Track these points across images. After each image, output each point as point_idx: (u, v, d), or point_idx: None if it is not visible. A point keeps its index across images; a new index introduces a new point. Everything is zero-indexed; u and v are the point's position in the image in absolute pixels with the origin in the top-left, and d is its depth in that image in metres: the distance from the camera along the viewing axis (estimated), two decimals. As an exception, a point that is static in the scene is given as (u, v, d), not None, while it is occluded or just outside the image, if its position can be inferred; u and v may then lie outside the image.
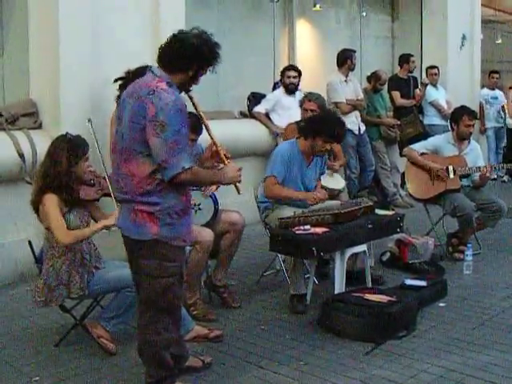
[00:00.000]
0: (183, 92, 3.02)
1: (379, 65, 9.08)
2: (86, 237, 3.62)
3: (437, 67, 9.14)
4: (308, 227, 4.21)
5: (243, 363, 3.58)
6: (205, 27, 3.02)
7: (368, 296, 4.08)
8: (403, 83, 8.65)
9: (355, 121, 7.50)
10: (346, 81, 7.56)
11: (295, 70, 7.09)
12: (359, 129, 7.63)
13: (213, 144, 3.23)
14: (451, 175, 5.66)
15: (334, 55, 7.66)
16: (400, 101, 8.48)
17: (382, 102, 8.10)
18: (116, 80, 4.62)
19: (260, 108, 7.18)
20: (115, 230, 3.47)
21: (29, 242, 3.83)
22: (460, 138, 5.84)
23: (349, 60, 7.53)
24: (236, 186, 3.15)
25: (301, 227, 4.22)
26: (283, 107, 7.02)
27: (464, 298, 4.64)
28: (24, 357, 3.66)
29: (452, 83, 9.76)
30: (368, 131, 7.83)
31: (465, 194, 5.63)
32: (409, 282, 4.55)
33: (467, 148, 5.87)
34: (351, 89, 7.59)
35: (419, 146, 5.98)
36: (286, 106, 6.96)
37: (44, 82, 5.35)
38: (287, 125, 6.24)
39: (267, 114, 7.16)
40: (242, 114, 7.42)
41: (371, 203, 4.72)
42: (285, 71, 7.14)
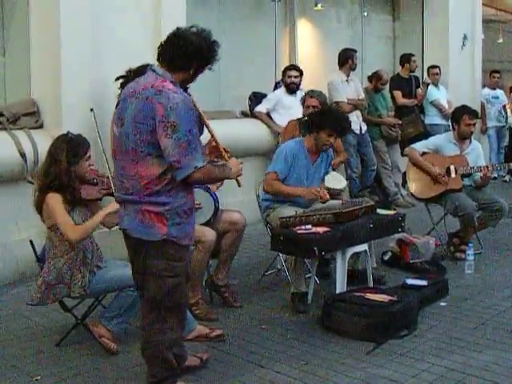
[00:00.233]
0: None
1: (380, 64, 9.08)
2: (91, 229, 3.58)
3: (438, 67, 9.16)
4: (309, 227, 4.21)
5: (244, 362, 3.58)
6: (205, 27, 3.01)
7: (369, 295, 4.07)
8: (405, 83, 8.66)
9: (356, 120, 7.49)
10: (348, 80, 7.56)
11: (297, 70, 7.09)
12: (360, 128, 7.63)
13: (212, 140, 3.23)
14: (452, 175, 5.66)
15: (335, 55, 7.66)
16: (402, 100, 8.49)
17: (383, 102, 8.09)
18: (117, 78, 4.63)
19: (261, 108, 7.18)
20: (116, 230, 3.48)
21: (30, 242, 3.83)
22: (461, 138, 5.83)
23: (350, 60, 7.53)
24: (237, 180, 3.16)
25: (302, 227, 4.22)
26: (284, 107, 7.02)
27: (465, 298, 4.64)
28: (25, 356, 3.66)
29: (453, 83, 9.76)
30: (369, 131, 7.84)
31: (466, 194, 5.62)
32: (410, 282, 4.55)
33: (468, 147, 5.86)
34: (352, 88, 7.58)
35: (420, 146, 5.97)
36: (287, 106, 6.97)
37: (45, 82, 5.36)
38: (288, 121, 6.24)
39: (268, 114, 7.16)
40: (243, 114, 7.42)
41: (372, 203, 4.73)
42: (286, 71, 7.14)
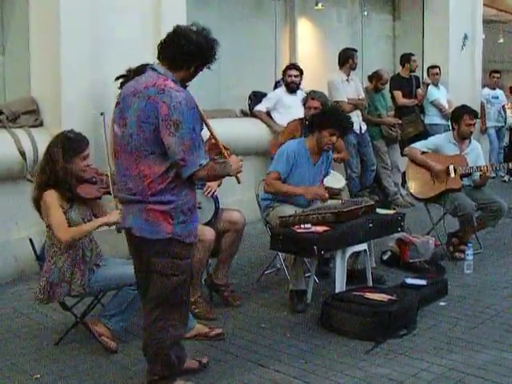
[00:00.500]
0: None
1: (380, 64, 9.07)
2: (85, 233, 3.60)
3: (438, 67, 9.16)
4: (309, 226, 4.20)
5: (244, 361, 3.58)
6: (206, 26, 3.02)
7: (369, 295, 4.08)
8: (405, 82, 8.65)
9: (356, 120, 7.47)
10: (348, 80, 7.56)
11: (297, 69, 7.09)
12: (360, 128, 7.63)
13: (211, 137, 3.23)
14: (452, 174, 5.66)
15: (336, 54, 7.65)
16: (402, 100, 8.49)
17: (383, 102, 8.10)
18: (117, 78, 4.62)
19: (261, 107, 7.18)
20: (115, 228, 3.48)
21: (30, 240, 3.83)
22: (461, 138, 5.83)
23: (350, 59, 7.52)
24: (237, 177, 3.16)
25: (302, 226, 4.22)
26: (284, 106, 7.02)
27: (464, 298, 4.64)
28: (25, 354, 3.66)
29: (453, 83, 9.76)
30: (369, 131, 7.84)
31: (465, 194, 5.62)
32: (409, 281, 4.55)
33: (468, 147, 5.86)
34: (352, 88, 7.58)
35: (420, 146, 5.97)
36: (288, 105, 6.96)
37: (45, 80, 5.35)
38: (290, 121, 6.23)
39: (268, 113, 7.15)
40: (243, 113, 7.42)
41: (372, 202, 4.72)
42: (286, 70, 7.13)
